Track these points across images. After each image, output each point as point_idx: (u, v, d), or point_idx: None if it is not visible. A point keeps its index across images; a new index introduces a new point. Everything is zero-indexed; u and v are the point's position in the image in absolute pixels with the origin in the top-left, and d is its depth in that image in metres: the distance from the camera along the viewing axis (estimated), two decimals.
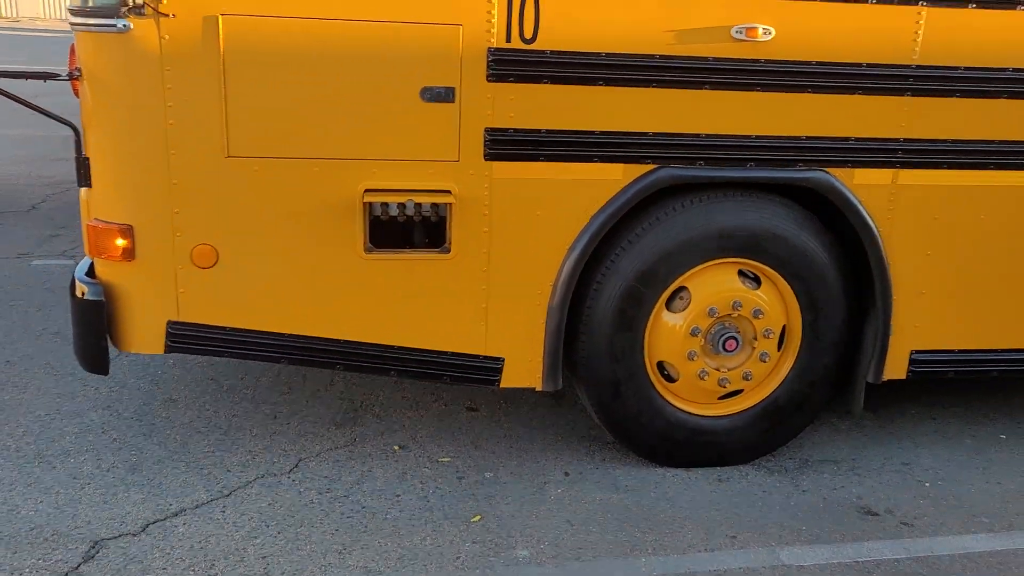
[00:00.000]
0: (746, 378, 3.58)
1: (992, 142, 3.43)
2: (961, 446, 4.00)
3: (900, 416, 4.25)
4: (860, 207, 3.42)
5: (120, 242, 3.13)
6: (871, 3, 3.22)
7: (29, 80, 3.28)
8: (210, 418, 3.94)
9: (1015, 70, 3.35)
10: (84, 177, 3.21)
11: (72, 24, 3.09)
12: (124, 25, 2.90)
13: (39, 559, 2.98)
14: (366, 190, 3.12)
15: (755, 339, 3.54)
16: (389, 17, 3.00)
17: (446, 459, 3.70)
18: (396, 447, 3.77)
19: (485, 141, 3.15)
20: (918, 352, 3.65)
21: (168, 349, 3.27)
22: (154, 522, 3.20)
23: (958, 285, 3.60)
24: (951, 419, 4.25)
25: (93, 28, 2.99)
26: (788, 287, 3.51)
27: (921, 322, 3.62)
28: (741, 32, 3.17)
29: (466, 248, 3.25)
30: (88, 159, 3.19)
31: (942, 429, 4.15)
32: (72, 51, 3.17)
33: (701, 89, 3.21)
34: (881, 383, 3.67)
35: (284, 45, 2.98)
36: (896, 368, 3.65)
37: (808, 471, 3.73)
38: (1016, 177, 3.49)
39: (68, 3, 3.17)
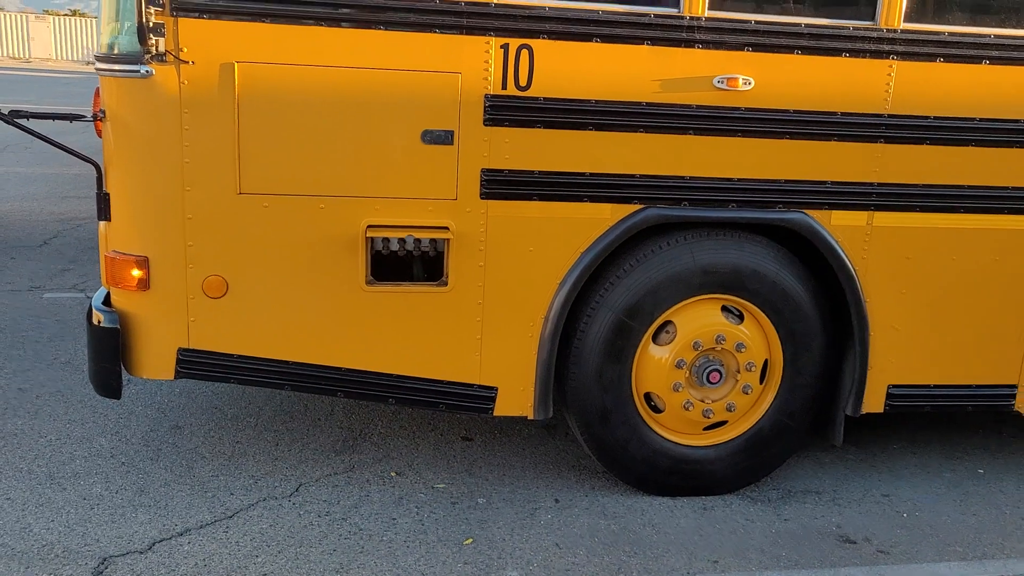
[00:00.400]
0: (730, 409, 3.74)
1: (962, 187, 3.63)
2: (940, 479, 4.14)
3: (883, 450, 4.39)
4: (837, 247, 3.61)
5: (136, 272, 3.32)
6: (845, 56, 3.44)
7: (55, 120, 3.50)
8: (215, 444, 4.09)
9: (981, 120, 3.56)
10: (104, 211, 3.40)
11: (98, 69, 3.31)
12: (147, 71, 3.12)
13: (50, 574, 3.11)
14: (369, 225, 3.32)
15: (738, 372, 3.70)
16: (393, 66, 3.22)
17: (441, 485, 3.84)
18: (393, 473, 3.92)
19: (481, 181, 3.35)
20: (895, 387, 3.81)
21: (178, 375, 3.43)
22: (160, 541, 3.34)
23: (932, 322, 3.77)
24: (932, 453, 4.39)
25: (118, 74, 3.21)
26: (769, 323, 3.68)
27: (897, 358, 3.78)
28: (723, 82, 3.38)
29: (462, 282, 3.43)
30: (108, 195, 3.39)
31: (923, 463, 4.29)
32: (97, 94, 3.39)
33: (685, 134, 3.42)
34: (863, 417, 3.82)
35: (295, 90, 3.20)
36: (874, 402, 3.81)
37: (791, 501, 3.87)
38: (984, 220, 3.68)
39: (95, 51, 3.39)
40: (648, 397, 3.72)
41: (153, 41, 3.06)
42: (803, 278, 3.67)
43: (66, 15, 49.79)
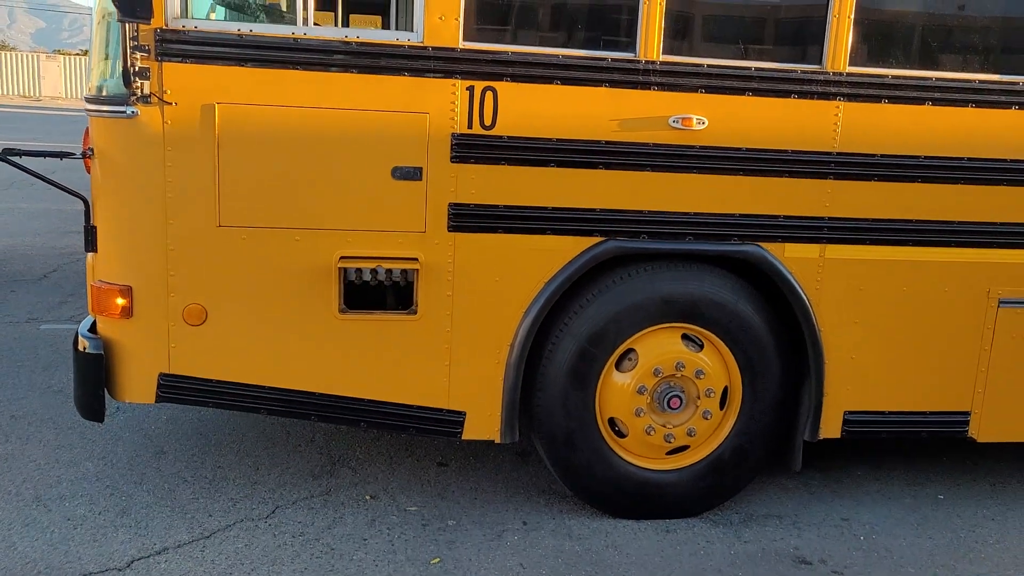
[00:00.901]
0: (690, 434, 3.88)
1: (910, 221, 3.80)
2: (900, 504, 4.26)
3: (846, 476, 4.51)
4: (791, 278, 3.77)
5: (120, 301, 3.50)
6: (793, 98, 3.63)
7: (47, 158, 3.71)
8: (197, 468, 4.24)
9: (926, 158, 3.74)
10: (91, 243, 3.59)
11: (87, 110, 3.52)
12: (132, 112, 3.32)
13: None
14: (341, 257, 3.50)
15: (698, 398, 3.85)
16: (365, 106, 3.42)
17: (413, 508, 3.97)
18: (368, 497, 4.05)
19: (449, 215, 3.53)
20: (851, 413, 3.95)
21: (159, 399, 3.59)
22: (139, 559, 3.48)
23: (886, 350, 3.92)
24: (894, 480, 4.51)
25: (106, 114, 3.42)
26: (728, 350, 3.83)
27: (853, 384, 3.92)
28: (677, 122, 3.57)
29: (431, 310, 3.60)
30: (95, 227, 3.58)
31: (884, 489, 4.41)
32: (86, 133, 3.60)
33: (643, 171, 3.61)
34: (828, 444, 3.95)
35: (272, 129, 3.40)
36: (831, 427, 3.95)
37: (752, 524, 3.99)
38: (933, 253, 3.84)
39: (85, 92, 3.61)
40: (612, 422, 3.87)
41: (139, 84, 3.27)
42: (760, 308, 3.83)
43: (77, 54, 50.71)
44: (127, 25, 3.20)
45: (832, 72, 3.62)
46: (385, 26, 6.73)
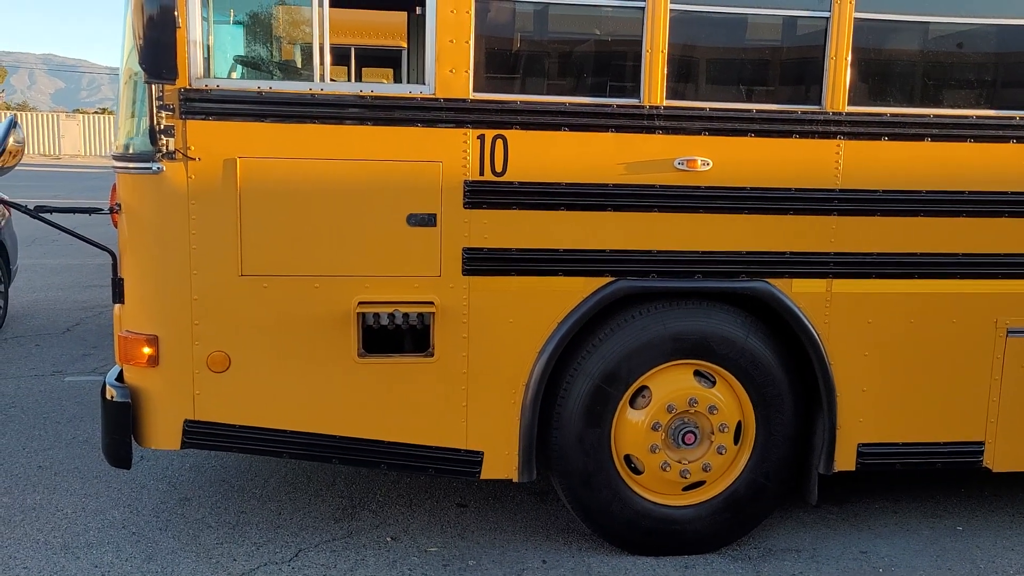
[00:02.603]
0: (706, 469, 3.92)
1: (914, 255, 3.87)
2: (919, 536, 4.27)
3: (864, 509, 4.53)
4: (800, 313, 3.84)
5: (146, 350, 3.61)
6: (795, 138, 3.74)
7: (75, 214, 3.85)
8: (220, 514, 4.31)
9: (928, 192, 3.83)
10: (118, 295, 3.71)
11: (114, 167, 3.67)
12: (158, 168, 3.47)
13: None
14: (359, 302, 3.60)
15: (712, 433, 3.90)
16: (380, 156, 3.55)
17: (434, 548, 4.02)
18: (389, 538, 4.10)
19: (463, 259, 3.64)
20: (865, 445, 3.99)
21: (184, 445, 3.68)
22: None
23: (898, 382, 3.97)
24: (912, 512, 4.52)
25: (132, 170, 3.57)
26: (740, 386, 3.89)
27: (865, 417, 3.97)
28: (683, 164, 3.68)
29: (448, 352, 3.69)
30: (123, 279, 3.70)
31: (903, 521, 4.42)
32: (113, 189, 3.74)
33: (650, 212, 3.71)
34: (846, 477, 3.98)
35: (291, 181, 3.53)
36: (845, 460, 3.98)
37: (770, 559, 4.01)
38: (940, 285, 3.90)
39: (112, 150, 3.76)
40: (628, 459, 3.92)
41: (164, 141, 3.42)
42: (770, 343, 3.90)
43: (95, 113, 51.77)
44: (153, 86, 3.35)
45: (832, 112, 3.72)
46: (396, 79, 6.93)
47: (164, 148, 3.43)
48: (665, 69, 3.62)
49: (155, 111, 3.38)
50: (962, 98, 4.01)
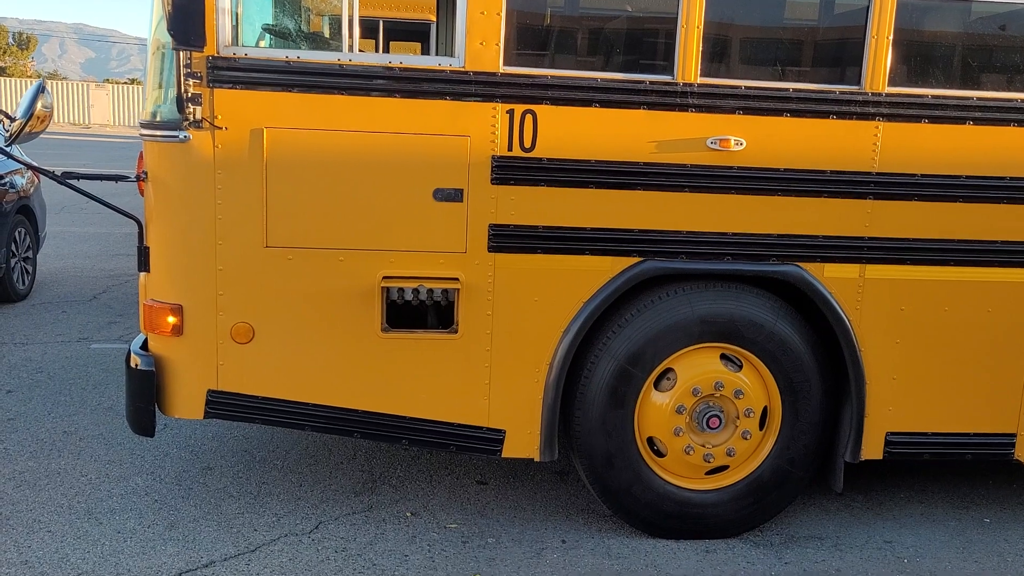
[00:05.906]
0: (730, 454, 3.88)
1: (951, 241, 3.78)
2: (944, 527, 4.20)
3: (889, 499, 4.47)
4: (831, 298, 3.77)
5: (171, 319, 3.60)
6: (832, 119, 3.65)
7: (102, 181, 3.85)
8: (242, 484, 4.33)
9: (968, 177, 3.73)
10: (144, 263, 3.71)
11: (142, 135, 3.65)
12: (185, 136, 3.45)
13: None
14: (384, 277, 3.57)
15: (737, 418, 3.85)
16: (408, 130, 3.51)
17: (454, 525, 4.01)
18: (409, 513, 4.10)
19: (489, 235, 3.59)
20: (893, 434, 3.92)
21: (207, 415, 3.69)
22: (186, 572, 3.55)
23: (929, 371, 3.89)
24: (938, 502, 4.45)
25: (159, 139, 3.55)
26: (767, 370, 3.83)
27: (895, 405, 3.90)
28: (715, 143, 3.61)
29: (472, 329, 3.66)
30: (148, 248, 3.70)
31: (928, 512, 4.36)
32: (140, 157, 3.73)
33: (681, 192, 3.64)
34: (872, 466, 3.92)
35: (318, 152, 3.50)
36: (872, 448, 3.92)
37: (793, 546, 3.97)
38: (976, 273, 3.81)
39: (140, 118, 3.74)
40: (651, 441, 3.88)
41: (191, 109, 3.39)
42: (800, 328, 3.83)
43: (125, 83, 52.06)
44: (181, 53, 3.32)
45: (871, 92, 3.63)
46: (424, 52, 6.86)
47: (191, 116, 3.41)
48: (700, 46, 3.53)
49: (183, 79, 3.35)
50: (1005, 81, 3.89)
